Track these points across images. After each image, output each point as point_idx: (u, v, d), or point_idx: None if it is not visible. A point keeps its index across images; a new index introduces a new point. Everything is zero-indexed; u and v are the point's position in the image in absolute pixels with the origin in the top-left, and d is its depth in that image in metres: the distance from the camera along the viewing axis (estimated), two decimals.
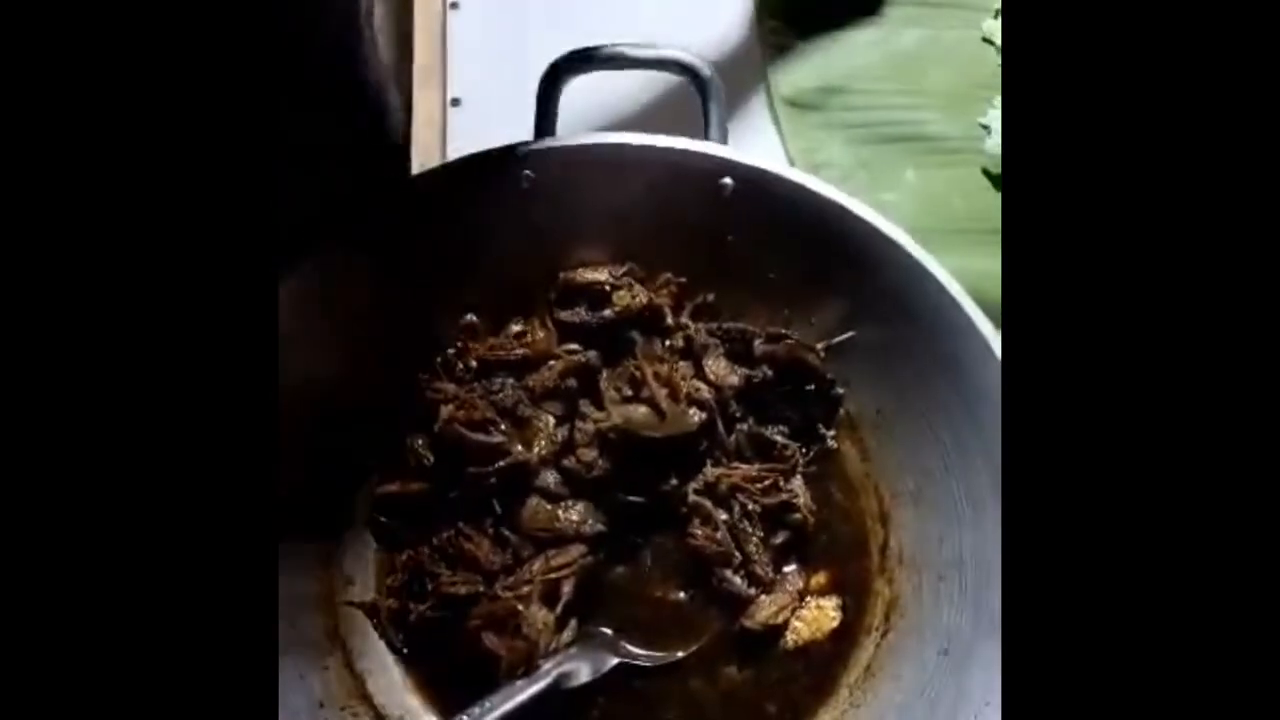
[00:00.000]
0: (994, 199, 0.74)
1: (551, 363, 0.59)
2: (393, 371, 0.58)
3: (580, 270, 0.61)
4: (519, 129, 0.61)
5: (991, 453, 0.52)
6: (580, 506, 0.54)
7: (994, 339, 0.53)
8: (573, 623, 0.53)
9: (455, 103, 0.76)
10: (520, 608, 0.50)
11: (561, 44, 0.63)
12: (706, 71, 0.60)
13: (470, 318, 0.61)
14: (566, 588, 0.51)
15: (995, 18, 0.82)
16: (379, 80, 0.61)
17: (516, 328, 0.61)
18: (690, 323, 0.61)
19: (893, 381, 0.58)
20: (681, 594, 0.55)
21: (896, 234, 0.56)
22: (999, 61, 0.80)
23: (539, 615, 0.50)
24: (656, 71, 0.62)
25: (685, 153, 0.58)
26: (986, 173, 0.75)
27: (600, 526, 0.53)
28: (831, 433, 0.60)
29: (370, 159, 0.63)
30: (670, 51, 0.60)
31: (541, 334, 0.60)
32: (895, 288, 0.56)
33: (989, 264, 0.69)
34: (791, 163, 0.73)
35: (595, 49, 0.60)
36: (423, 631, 0.54)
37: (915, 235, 0.58)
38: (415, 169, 0.75)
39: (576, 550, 0.52)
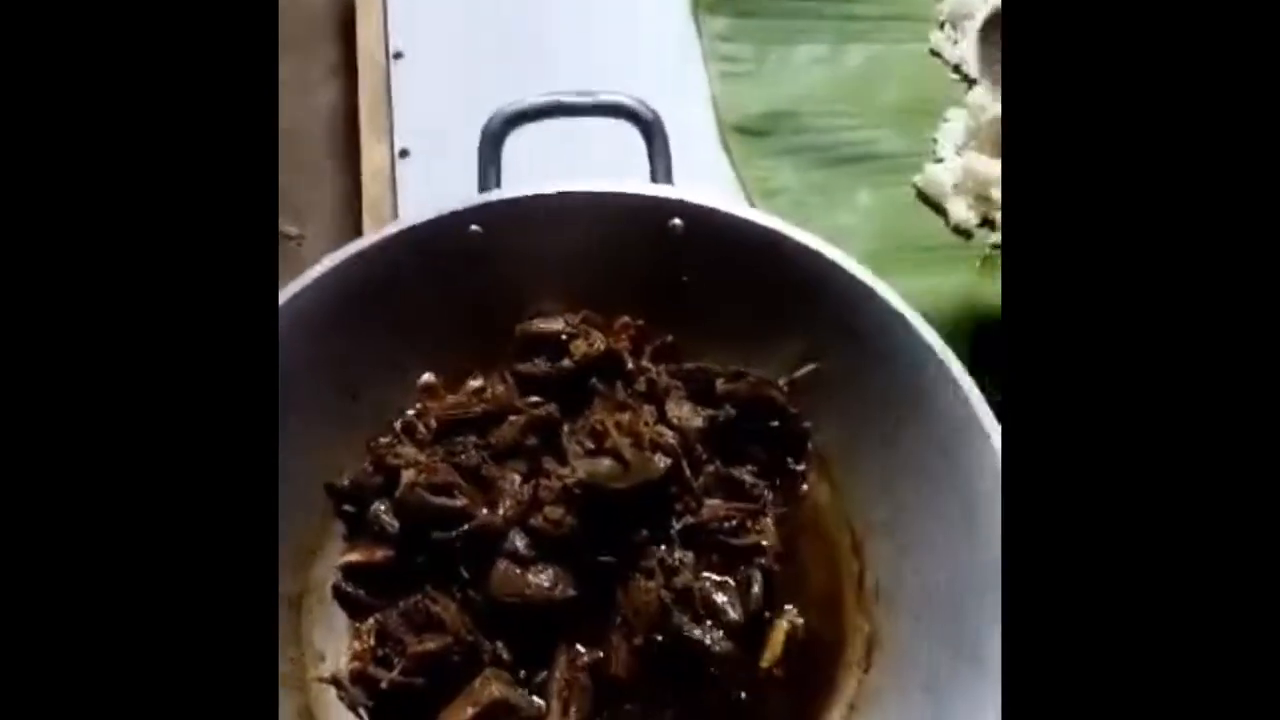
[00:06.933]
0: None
1: (513, 417, 0.58)
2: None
3: (536, 321, 0.60)
4: (470, 177, 0.60)
5: (956, 478, 0.51)
6: (550, 570, 0.53)
7: (951, 360, 0.52)
8: None
9: (403, 154, 0.75)
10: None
11: (508, 89, 0.62)
12: (648, 114, 0.59)
13: (428, 377, 0.60)
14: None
15: (941, 29, 0.82)
16: None
17: (475, 384, 0.60)
18: (651, 366, 0.60)
19: (857, 412, 0.57)
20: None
21: (846, 262, 0.55)
22: (948, 74, 0.80)
23: None
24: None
25: (631, 196, 0.57)
26: (920, 193, 0.74)
27: (571, 591, 0.52)
28: (801, 468, 0.59)
29: None
30: (609, 96, 0.60)
31: (501, 388, 0.59)
32: (850, 316, 0.56)
33: (946, 280, 0.69)
34: (745, 192, 0.73)
35: (533, 102, 0.59)
36: (395, 699, 0.53)
37: (873, 257, 0.57)
38: (366, 224, 0.74)
39: None
